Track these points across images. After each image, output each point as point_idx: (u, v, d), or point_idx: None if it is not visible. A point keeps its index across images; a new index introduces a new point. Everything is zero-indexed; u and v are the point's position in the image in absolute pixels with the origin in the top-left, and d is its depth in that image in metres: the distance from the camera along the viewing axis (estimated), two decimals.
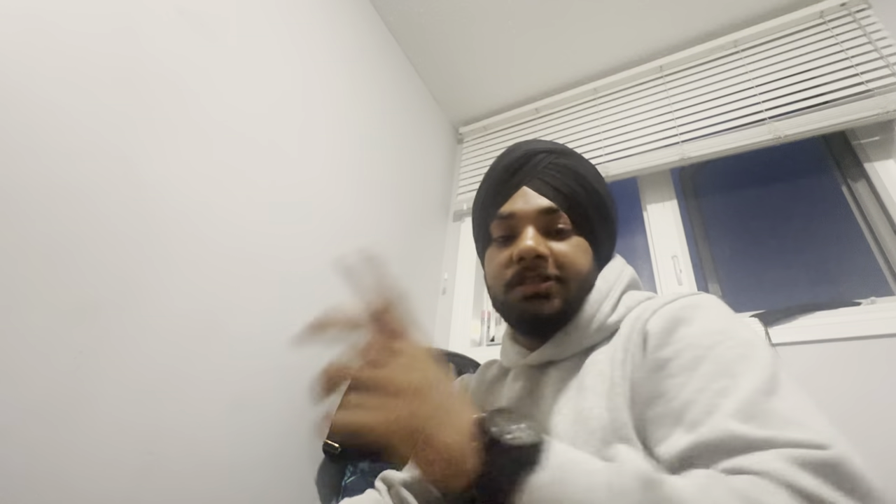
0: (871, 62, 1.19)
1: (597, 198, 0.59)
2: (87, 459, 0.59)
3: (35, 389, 0.55)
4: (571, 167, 0.59)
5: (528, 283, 0.54)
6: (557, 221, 0.56)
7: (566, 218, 0.57)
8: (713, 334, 0.44)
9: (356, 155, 1.27)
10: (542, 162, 0.59)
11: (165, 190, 0.75)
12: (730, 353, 0.41)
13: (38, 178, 0.59)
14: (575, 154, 0.62)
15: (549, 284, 0.54)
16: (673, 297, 0.50)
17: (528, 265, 0.54)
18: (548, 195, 0.57)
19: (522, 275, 0.54)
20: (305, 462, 0.92)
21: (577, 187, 0.58)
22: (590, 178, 0.60)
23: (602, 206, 0.60)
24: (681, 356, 0.43)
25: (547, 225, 0.56)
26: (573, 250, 0.55)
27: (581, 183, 0.59)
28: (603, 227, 0.60)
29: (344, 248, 1.14)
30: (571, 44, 1.56)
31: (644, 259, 1.42)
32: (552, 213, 0.56)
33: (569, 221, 0.57)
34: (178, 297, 0.74)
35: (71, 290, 0.61)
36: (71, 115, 0.64)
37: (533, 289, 0.54)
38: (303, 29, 1.15)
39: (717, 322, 0.45)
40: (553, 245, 0.56)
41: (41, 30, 0.63)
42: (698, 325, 0.45)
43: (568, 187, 0.58)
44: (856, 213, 1.23)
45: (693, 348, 0.43)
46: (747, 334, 0.44)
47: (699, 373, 0.41)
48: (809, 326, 1.01)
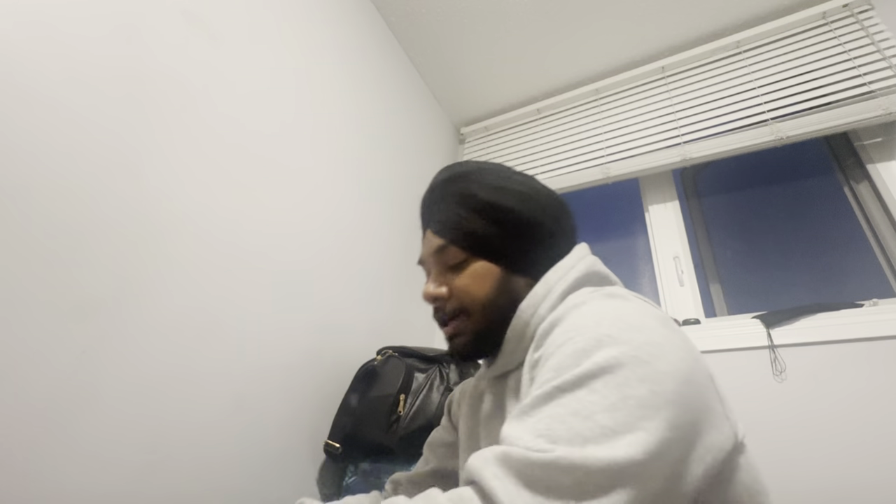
0: (873, 63, 1.19)
1: (496, 213, 0.56)
2: (89, 458, 0.59)
3: (38, 388, 0.56)
4: (457, 192, 0.58)
5: (443, 326, 0.58)
6: (450, 257, 0.56)
7: (455, 250, 0.56)
8: (569, 332, 0.43)
9: (358, 155, 1.27)
10: (435, 197, 0.60)
11: (167, 190, 0.75)
12: (569, 350, 0.41)
13: (40, 178, 0.60)
14: (468, 173, 0.59)
15: (454, 324, 0.56)
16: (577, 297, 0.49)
17: (435, 307, 0.58)
18: (440, 233, 0.58)
19: (435, 316, 0.59)
20: (307, 462, 0.93)
21: (466, 213, 0.56)
22: (483, 194, 0.56)
23: (505, 218, 0.56)
24: (544, 357, 0.44)
25: (444, 262, 0.57)
26: (467, 281, 0.55)
27: (468, 204, 0.56)
28: (510, 238, 0.56)
29: (345, 248, 1.15)
30: (573, 44, 1.56)
31: (646, 260, 1.42)
32: (442, 251, 0.57)
33: (460, 252, 0.56)
34: (180, 297, 0.74)
35: (74, 289, 0.61)
36: (74, 115, 0.64)
37: (446, 331, 0.58)
38: (304, 29, 1.16)
39: (581, 319, 0.44)
40: (451, 281, 0.56)
41: (46, 31, 0.63)
42: (565, 323, 0.44)
43: (454, 216, 0.57)
44: (858, 214, 1.22)
45: (551, 347, 0.43)
46: (607, 330, 0.40)
47: (541, 373, 0.42)
48: (811, 328, 1.01)
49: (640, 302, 0.46)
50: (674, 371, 0.38)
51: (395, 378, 0.95)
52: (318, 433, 0.95)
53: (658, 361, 0.38)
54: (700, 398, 0.39)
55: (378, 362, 1.00)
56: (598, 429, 0.34)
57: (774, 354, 1.01)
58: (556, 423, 0.36)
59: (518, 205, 0.56)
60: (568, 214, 0.60)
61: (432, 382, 0.95)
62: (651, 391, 0.36)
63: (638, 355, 0.38)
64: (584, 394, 0.37)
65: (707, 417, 0.39)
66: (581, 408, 0.36)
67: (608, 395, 0.36)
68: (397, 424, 0.90)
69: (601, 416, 0.35)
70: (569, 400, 0.37)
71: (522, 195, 0.57)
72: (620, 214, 1.60)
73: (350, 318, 1.11)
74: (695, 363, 0.41)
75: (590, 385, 0.37)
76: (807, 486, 0.87)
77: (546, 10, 1.45)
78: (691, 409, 0.38)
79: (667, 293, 1.31)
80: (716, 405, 0.41)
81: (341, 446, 0.91)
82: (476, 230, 0.56)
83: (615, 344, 0.39)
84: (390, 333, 1.24)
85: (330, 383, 1.00)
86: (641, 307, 0.44)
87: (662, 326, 0.42)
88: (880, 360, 0.92)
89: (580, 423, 0.35)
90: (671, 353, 0.40)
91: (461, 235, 0.56)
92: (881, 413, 0.88)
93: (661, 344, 0.40)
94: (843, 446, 0.88)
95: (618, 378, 0.37)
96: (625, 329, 0.40)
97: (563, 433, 0.35)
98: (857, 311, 1.02)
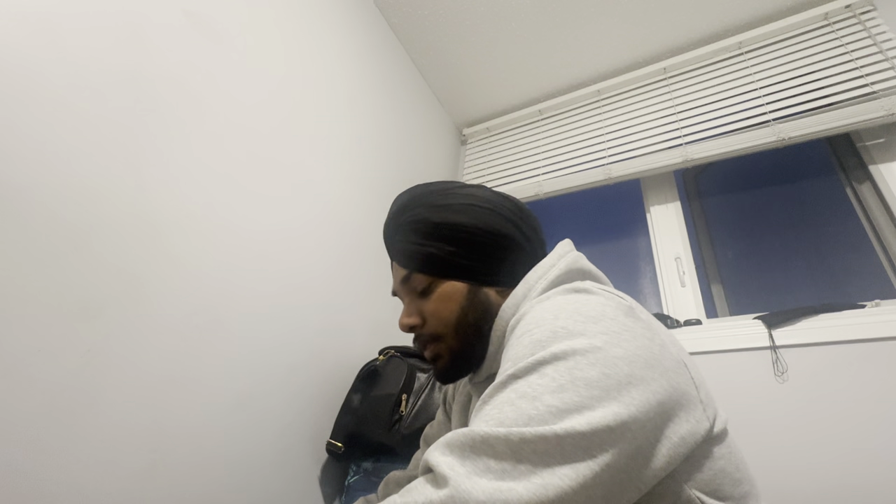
0: (875, 64, 1.19)
1: (445, 232, 0.56)
2: (92, 456, 0.60)
3: (43, 386, 0.56)
4: (408, 221, 0.58)
5: (423, 352, 0.59)
6: (416, 284, 0.57)
7: (419, 277, 0.57)
8: (529, 325, 0.43)
9: (360, 156, 1.28)
10: (390, 230, 0.61)
11: (170, 190, 0.76)
12: (526, 341, 0.41)
13: (44, 178, 0.60)
14: (413, 200, 0.60)
15: (431, 348, 0.57)
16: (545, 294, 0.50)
17: (414, 336, 0.59)
18: (402, 263, 0.59)
19: (415, 345, 0.60)
20: (309, 461, 0.93)
21: (417, 239, 0.57)
22: (434, 217, 0.57)
23: (456, 236, 0.56)
24: (507, 348, 0.45)
25: (412, 290, 0.58)
26: (436, 305, 0.56)
27: (421, 231, 0.57)
28: (468, 253, 0.56)
29: (347, 247, 1.15)
30: (575, 45, 1.56)
31: (647, 261, 1.42)
32: (408, 280, 0.58)
33: (424, 278, 0.57)
34: (183, 297, 0.75)
35: (78, 288, 0.61)
36: (77, 115, 0.65)
37: (426, 356, 0.58)
38: (306, 31, 1.16)
39: (541, 313, 0.44)
40: (422, 307, 0.57)
41: (47, 30, 0.63)
42: (528, 317, 0.45)
43: (409, 245, 0.58)
44: (860, 215, 1.22)
45: (513, 339, 0.44)
46: (563, 323, 0.41)
47: (502, 364, 0.43)
48: (813, 329, 1.01)
49: (604, 294, 0.46)
50: (629, 356, 0.38)
51: (398, 378, 0.95)
52: (320, 432, 0.96)
53: (613, 347, 0.38)
54: (667, 381, 0.39)
55: (380, 362, 1.00)
56: (543, 408, 0.35)
57: (776, 355, 1.01)
58: (506, 406, 0.37)
59: (468, 219, 0.56)
60: (527, 215, 0.60)
61: (434, 382, 0.96)
62: (602, 373, 0.37)
63: (592, 342, 0.39)
64: (534, 378, 0.37)
65: (676, 401, 0.39)
66: (530, 391, 0.37)
67: (557, 377, 0.37)
68: (399, 424, 0.90)
69: (548, 396, 0.36)
70: (520, 384, 0.38)
71: (470, 208, 0.57)
72: (622, 215, 1.60)
73: (352, 319, 1.12)
74: (660, 349, 0.41)
75: (541, 370, 0.38)
76: (808, 486, 0.87)
77: (548, 11, 1.46)
78: (654, 391, 0.37)
79: (668, 294, 1.31)
80: (689, 389, 0.41)
81: (343, 445, 0.92)
82: (434, 253, 0.56)
83: (570, 336, 0.39)
84: (392, 333, 1.24)
85: (332, 383, 1.00)
86: (603, 299, 0.44)
87: (624, 316, 0.42)
88: (882, 361, 0.92)
89: (527, 404, 0.36)
90: (629, 340, 0.40)
91: (421, 262, 0.57)
92: (883, 414, 0.88)
93: (618, 332, 0.40)
94: (845, 447, 0.88)
95: (569, 363, 0.37)
96: (581, 321, 0.41)
97: (511, 414, 0.36)
98: (860, 312, 1.02)
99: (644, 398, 0.36)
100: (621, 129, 1.54)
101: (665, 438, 0.37)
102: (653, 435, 0.36)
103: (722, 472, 0.40)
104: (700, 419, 0.40)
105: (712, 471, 0.40)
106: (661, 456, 0.36)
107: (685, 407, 0.39)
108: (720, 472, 0.40)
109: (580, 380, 0.36)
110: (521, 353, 0.40)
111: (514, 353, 0.41)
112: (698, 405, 0.41)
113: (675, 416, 0.38)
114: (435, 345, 0.57)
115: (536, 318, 0.43)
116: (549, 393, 0.36)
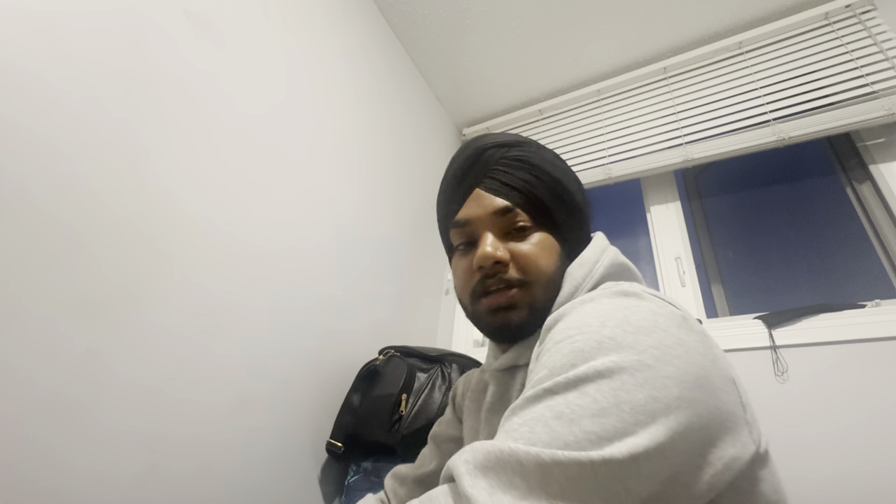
0: (876, 63, 1.19)
1: (557, 187, 0.54)
2: (91, 457, 0.60)
3: (42, 387, 0.56)
4: (524, 158, 0.55)
5: (492, 295, 0.52)
6: (515, 220, 0.52)
7: (524, 215, 0.53)
8: (570, 329, 0.40)
9: (360, 156, 1.28)
10: (492, 158, 0.55)
11: (170, 190, 0.76)
12: (566, 349, 0.38)
13: (43, 177, 0.60)
14: (528, 143, 0.57)
15: (512, 294, 0.50)
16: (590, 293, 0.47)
17: (488, 272, 0.51)
18: (501, 193, 0.53)
19: (485, 284, 0.52)
20: (309, 461, 0.93)
21: (532, 179, 0.54)
22: (546, 166, 0.55)
23: (565, 195, 0.54)
24: (543, 353, 0.41)
25: (505, 226, 0.53)
26: (535, 249, 0.51)
27: (536, 174, 0.54)
28: (568, 218, 0.54)
29: (347, 247, 1.15)
30: (575, 45, 1.56)
31: (647, 261, 1.42)
32: (508, 213, 0.52)
33: (528, 218, 0.53)
34: (183, 297, 0.75)
35: (77, 288, 0.61)
36: (78, 115, 0.65)
37: (496, 301, 0.51)
38: (306, 30, 1.16)
39: (585, 317, 0.40)
40: (513, 247, 0.52)
41: (48, 30, 0.63)
42: (569, 319, 0.41)
43: (522, 181, 0.53)
44: (860, 215, 1.22)
45: (550, 343, 0.41)
46: (611, 332, 0.37)
47: (536, 369, 0.39)
48: (814, 329, 1.01)
49: (656, 301, 0.42)
50: (680, 375, 0.35)
51: (397, 378, 0.95)
52: (320, 432, 0.96)
53: (663, 366, 0.35)
54: (714, 402, 0.36)
55: (380, 362, 1.00)
56: (582, 434, 0.32)
57: (776, 355, 1.01)
58: (539, 425, 0.33)
59: (574, 186, 0.56)
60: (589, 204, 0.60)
61: (434, 382, 0.96)
62: (651, 396, 0.33)
63: (641, 359, 0.35)
64: (573, 396, 0.34)
65: (722, 423, 0.36)
66: (568, 412, 0.33)
67: (599, 399, 0.33)
68: (399, 424, 0.90)
69: (587, 421, 0.32)
70: (557, 402, 0.34)
71: (576, 179, 0.57)
72: (622, 215, 1.60)
73: (352, 318, 1.12)
74: (712, 365, 0.38)
75: (581, 388, 0.34)
76: (808, 487, 0.87)
77: (548, 10, 1.46)
78: (700, 413, 0.34)
79: (668, 294, 1.31)
80: (736, 410, 0.38)
81: (343, 445, 0.92)
82: (543, 199, 0.53)
83: (617, 349, 0.36)
84: (392, 333, 1.24)
85: (332, 383, 1.00)
86: (656, 307, 0.41)
87: (677, 328, 0.39)
88: (883, 361, 0.92)
89: (564, 428, 0.32)
90: (681, 356, 0.36)
91: (527, 201, 0.53)
92: (884, 414, 0.88)
93: (671, 347, 0.36)
94: (846, 447, 0.88)
95: (614, 382, 0.34)
96: (630, 332, 0.37)
97: (545, 437, 0.32)
98: (860, 311, 1.02)
99: (689, 422, 0.33)
100: (621, 129, 1.54)
101: (708, 465, 0.34)
102: (693, 461, 0.34)
103: (761, 496, 0.38)
104: (746, 443, 0.37)
105: (753, 494, 0.37)
106: (702, 483, 0.34)
107: (731, 430, 0.36)
108: (759, 496, 0.38)
109: (625, 403, 0.33)
110: (561, 362, 0.37)
111: (552, 360, 0.38)
112: (744, 427, 0.37)
113: (719, 441, 0.35)
114: (518, 290, 0.50)
115: (579, 322, 0.40)
116: (590, 417, 0.32)
